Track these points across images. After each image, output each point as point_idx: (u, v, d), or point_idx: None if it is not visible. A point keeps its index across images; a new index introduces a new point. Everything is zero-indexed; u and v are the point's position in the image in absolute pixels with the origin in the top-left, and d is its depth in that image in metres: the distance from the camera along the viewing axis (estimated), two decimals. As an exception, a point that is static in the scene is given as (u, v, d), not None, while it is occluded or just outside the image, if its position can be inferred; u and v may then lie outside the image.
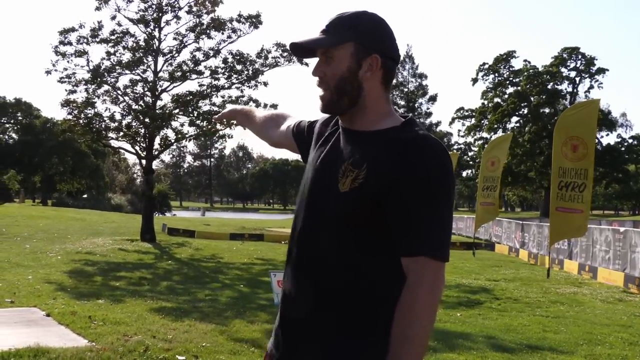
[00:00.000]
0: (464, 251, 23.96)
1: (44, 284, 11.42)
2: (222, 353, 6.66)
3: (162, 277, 13.42)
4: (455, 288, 13.02)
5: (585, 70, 65.06)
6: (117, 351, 6.51)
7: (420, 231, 1.67)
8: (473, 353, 7.14)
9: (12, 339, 6.87)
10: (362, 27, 1.87)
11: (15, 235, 22.71)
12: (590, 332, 8.65)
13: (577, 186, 13.72)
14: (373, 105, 1.88)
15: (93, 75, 22.04)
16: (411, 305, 1.64)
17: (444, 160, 1.72)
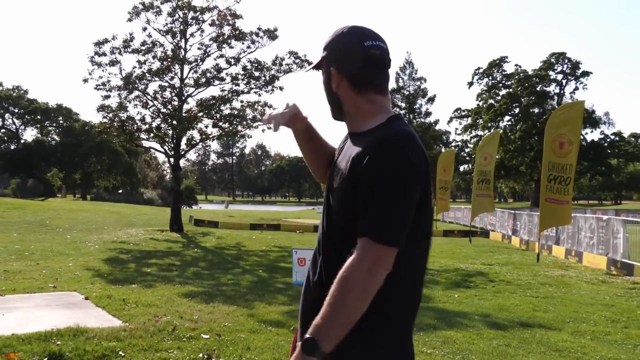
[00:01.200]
0: (461, 238, 23.92)
1: (83, 271, 11.50)
2: (243, 332, 6.66)
3: (189, 264, 13.46)
4: (454, 272, 12.99)
5: (571, 73, 64.91)
6: (148, 330, 6.54)
7: (367, 216, 1.68)
8: (470, 330, 7.12)
9: (55, 320, 6.93)
10: (328, 47, 1.95)
11: (58, 227, 22.87)
12: (576, 311, 8.61)
13: (563, 180, 13.71)
14: (353, 110, 1.93)
15: (125, 82, 22.10)
16: (345, 277, 1.65)
17: (396, 151, 1.71)
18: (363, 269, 1.63)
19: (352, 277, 1.64)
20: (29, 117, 76.74)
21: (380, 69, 1.91)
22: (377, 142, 1.74)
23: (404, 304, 1.82)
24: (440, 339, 6.56)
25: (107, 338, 6.10)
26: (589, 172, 69.17)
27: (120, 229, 22.34)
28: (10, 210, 28.58)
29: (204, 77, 22.70)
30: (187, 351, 5.76)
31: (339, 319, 1.63)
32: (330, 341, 1.63)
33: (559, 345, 6.52)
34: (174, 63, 22.51)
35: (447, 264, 14.55)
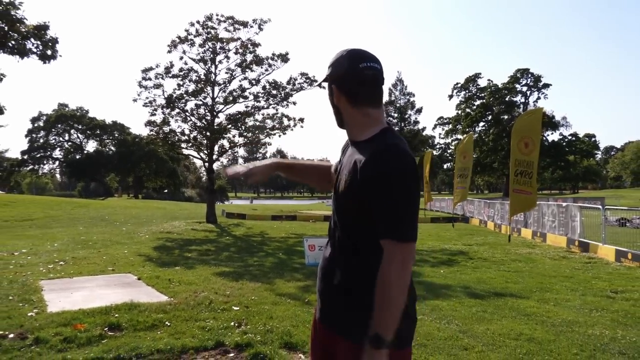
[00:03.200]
0: (445, 224, 23.83)
1: (136, 256, 11.55)
2: (266, 304, 6.67)
3: (222, 249, 13.48)
4: (440, 252, 12.94)
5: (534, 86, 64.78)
6: (189, 304, 6.56)
7: (386, 221, 1.67)
8: (453, 299, 7.09)
9: (113, 297, 6.97)
10: (331, 67, 1.93)
11: (115, 221, 23.02)
12: (541, 282, 8.56)
13: (527, 174, 13.64)
14: (351, 122, 1.92)
15: (167, 101, 22.18)
16: (384, 279, 1.64)
17: (401, 163, 1.70)
18: (396, 268, 1.64)
19: (390, 278, 1.64)
20: (90, 132, 77.26)
21: (374, 86, 1.88)
22: (381, 156, 1.72)
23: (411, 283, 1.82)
24: (429, 307, 6.54)
25: (156, 311, 6.14)
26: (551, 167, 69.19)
27: (166, 222, 22.45)
28: (77, 208, 28.81)
29: (231, 96, 22.75)
30: (221, 320, 5.77)
31: (391, 313, 1.63)
32: (390, 332, 1.63)
33: (528, 311, 6.49)
34: (206, 85, 22.59)
35: (434, 245, 14.50)
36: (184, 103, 22.46)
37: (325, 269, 1.93)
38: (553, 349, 4.92)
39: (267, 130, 23.11)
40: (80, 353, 4.61)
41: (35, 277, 8.57)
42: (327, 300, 1.91)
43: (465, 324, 5.76)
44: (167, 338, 5.07)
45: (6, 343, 4.89)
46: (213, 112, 22.77)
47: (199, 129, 22.78)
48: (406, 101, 74.65)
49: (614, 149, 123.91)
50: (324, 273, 1.93)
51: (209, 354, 4.70)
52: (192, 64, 22.38)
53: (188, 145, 23.36)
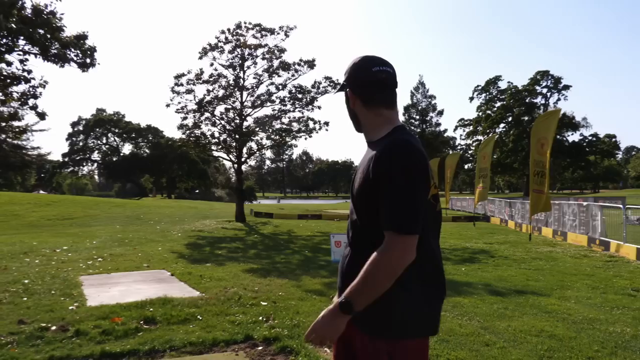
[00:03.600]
0: (467, 223, 23.54)
1: (169, 253, 11.68)
2: (293, 299, 6.68)
3: (251, 247, 13.56)
4: (461, 250, 12.78)
5: (554, 87, 63.47)
6: (220, 299, 6.62)
7: (387, 212, 1.70)
8: (474, 296, 6.99)
9: (148, 291, 7.07)
10: (346, 73, 1.98)
11: (149, 220, 23.36)
12: (562, 280, 8.37)
13: (543, 174, 13.39)
14: (367, 123, 1.96)
15: (198, 106, 22.42)
16: (375, 260, 1.68)
17: (403, 157, 1.72)
18: (390, 257, 1.66)
19: (382, 262, 1.66)
20: (126, 136, 78.64)
21: (387, 88, 1.92)
22: (387, 150, 1.75)
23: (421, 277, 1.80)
24: (450, 304, 6.46)
25: (188, 305, 6.20)
26: (571, 167, 67.77)
27: (197, 221, 22.68)
28: (114, 208, 29.33)
29: (259, 100, 22.91)
30: (250, 315, 5.80)
31: (369, 291, 1.68)
32: (360, 305, 1.69)
33: (548, 308, 6.36)
34: (235, 90, 22.77)
35: (456, 243, 14.33)
36: (214, 107, 22.70)
37: (343, 266, 1.96)
38: (574, 346, 4.81)
39: (293, 133, 23.20)
40: (118, 345, 4.70)
41: (76, 273, 8.75)
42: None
43: (486, 321, 5.68)
44: (199, 331, 5.13)
45: (49, 335, 5.01)
46: (241, 116, 22.94)
47: (228, 132, 22.98)
48: (427, 104, 74.14)
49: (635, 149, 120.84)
50: (343, 270, 1.96)
51: (239, 347, 4.74)
52: (222, 70, 22.63)
53: (218, 147, 23.58)
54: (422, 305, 1.82)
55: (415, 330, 1.81)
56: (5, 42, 11.79)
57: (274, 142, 24.23)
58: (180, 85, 22.26)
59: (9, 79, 13.11)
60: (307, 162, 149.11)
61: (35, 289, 7.34)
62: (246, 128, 22.98)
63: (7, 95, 13.68)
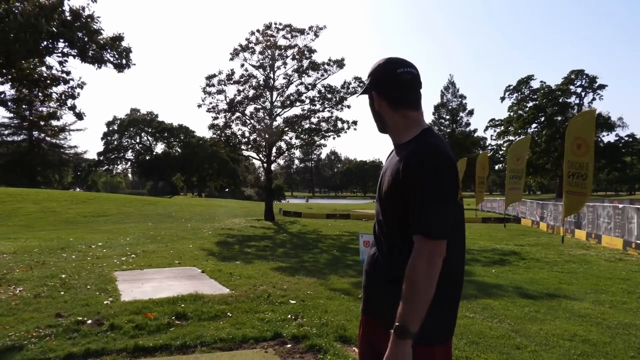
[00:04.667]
0: (497, 224, 23.14)
1: (200, 251, 11.81)
2: (321, 298, 6.69)
3: (279, 245, 13.62)
4: (491, 251, 12.57)
5: (589, 87, 61.66)
6: (249, 297, 6.67)
7: (417, 217, 1.70)
8: (505, 299, 6.87)
9: (180, 288, 7.18)
10: (371, 75, 1.96)
11: (181, 217, 23.71)
12: (596, 284, 8.15)
13: (581, 175, 13.04)
14: (394, 125, 1.94)
15: (229, 106, 22.67)
16: (411, 272, 1.67)
17: (433, 161, 1.72)
18: (423, 262, 1.66)
19: (417, 271, 1.66)
20: (158, 135, 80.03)
21: (412, 89, 1.91)
22: (416, 154, 1.75)
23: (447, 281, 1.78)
24: (480, 306, 6.37)
25: (219, 302, 6.27)
26: (606, 169, 65.85)
27: (227, 219, 22.91)
28: (146, 205, 29.85)
29: (288, 100, 23.01)
30: (279, 313, 5.84)
31: (418, 304, 1.66)
32: (415, 323, 1.66)
33: (582, 312, 6.20)
34: (265, 90, 22.93)
35: (485, 245, 14.11)
36: (244, 107, 22.91)
37: (369, 266, 1.97)
38: (609, 351, 4.68)
39: (322, 133, 23.23)
40: (151, 339, 4.79)
41: (110, 269, 8.95)
42: (370, 294, 1.98)
43: (517, 324, 5.57)
44: (229, 328, 5.18)
45: (85, 328, 5.14)
46: (271, 116, 23.08)
47: (258, 132, 23.17)
48: (458, 104, 73.06)
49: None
50: (368, 270, 1.97)
51: (268, 344, 4.77)
52: (252, 70, 22.84)
53: (248, 147, 23.80)
54: (448, 310, 1.83)
55: (442, 335, 1.82)
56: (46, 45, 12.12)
57: (303, 141, 24.30)
58: (211, 86, 22.57)
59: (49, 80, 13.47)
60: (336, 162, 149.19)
61: (72, 283, 7.53)
62: (276, 128, 23.12)
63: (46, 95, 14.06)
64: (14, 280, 7.82)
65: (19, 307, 6.07)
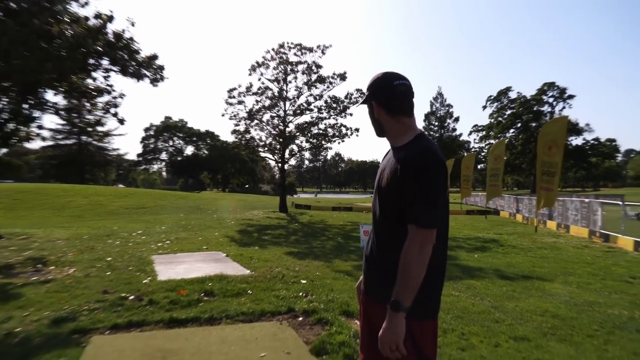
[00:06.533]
0: (479, 216, 23.02)
1: (224, 238, 11.87)
2: (328, 279, 6.71)
3: (292, 233, 13.66)
4: (474, 239, 12.53)
5: (560, 97, 61.20)
6: (266, 277, 6.70)
7: (411, 209, 1.72)
8: (486, 280, 6.86)
9: (207, 269, 7.21)
10: (370, 87, 1.95)
11: (208, 209, 23.81)
12: (565, 267, 8.11)
13: (551, 173, 12.93)
14: (391, 130, 1.94)
15: (248, 115, 22.71)
16: (405, 256, 1.70)
17: (426, 162, 1.73)
18: (416, 248, 1.69)
19: (410, 255, 1.69)
20: (188, 139, 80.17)
21: (406, 98, 1.91)
22: (412, 155, 1.76)
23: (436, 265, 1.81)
24: (464, 286, 6.37)
25: (240, 281, 6.31)
26: (574, 168, 65.34)
27: (247, 211, 22.99)
28: (178, 199, 29.99)
29: (299, 109, 23.00)
30: (292, 291, 5.87)
31: (410, 284, 1.69)
32: (408, 299, 1.69)
33: (552, 292, 6.18)
34: (279, 100, 22.94)
35: (469, 234, 14.06)
36: (261, 115, 22.94)
37: (369, 252, 1.99)
38: (575, 325, 4.67)
39: (328, 137, 23.20)
40: (183, 312, 4.83)
41: (148, 253, 9.03)
42: (369, 277, 1.98)
43: (496, 301, 5.57)
44: (250, 303, 5.22)
45: (128, 303, 5.20)
46: (285, 122, 23.10)
47: (273, 137, 23.19)
48: (445, 112, 72.65)
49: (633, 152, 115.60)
50: (368, 255, 1.99)
51: (283, 317, 4.80)
52: (268, 83, 22.86)
53: (265, 149, 23.82)
54: (437, 289, 1.85)
55: (433, 312, 1.85)
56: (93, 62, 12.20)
57: (312, 145, 24.28)
58: (232, 97, 22.61)
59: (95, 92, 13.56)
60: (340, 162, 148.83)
61: (116, 265, 7.61)
62: (288, 133, 23.13)
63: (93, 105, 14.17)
64: (67, 262, 7.91)
65: (72, 284, 6.14)
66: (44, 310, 4.94)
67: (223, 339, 4.13)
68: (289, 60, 22.33)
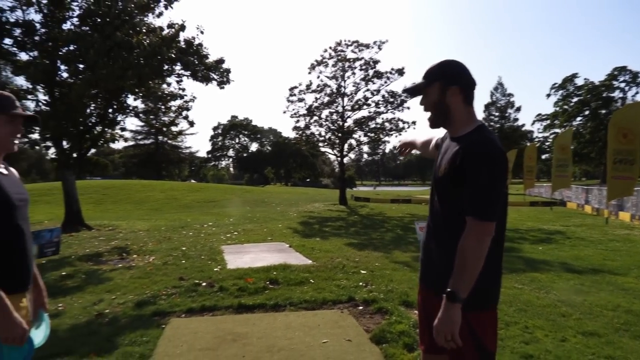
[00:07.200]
0: (543, 207, 21.73)
1: (287, 229, 12.04)
2: (387, 269, 6.65)
3: (351, 225, 13.63)
4: (538, 231, 11.85)
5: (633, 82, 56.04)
6: (327, 267, 6.76)
7: (471, 200, 1.65)
8: (551, 273, 6.48)
9: (271, 259, 7.37)
10: (445, 71, 1.85)
11: (272, 202, 24.32)
12: (639, 261, 7.47)
13: (629, 161, 11.90)
14: (459, 118, 1.84)
15: (308, 111, 22.89)
16: (463, 248, 1.64)
17: (488, 154, 1.66)
18: (474, 240, 1.63)
19: (468, 247, 1.64)
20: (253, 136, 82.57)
21: (474, 89, 1.86)
22: (475, 146, 1.69)
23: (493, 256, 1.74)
24: (528, 279, 6.05)
25: (303, 271, 6.39)
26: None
27: (308, 204, 23.21)
28: (245, 193, 30.90)
29: (357, 105, 22.83)
30: (352, 280, 5.88)
31: (467, 276, 1.64)
32: (464, 291, 1.64)
33: (625, 286, 5.71)
34: (337, 97, 22.91)
35: (533, 225, 13.31)
36: (321, 112, 23.03)
37: (426, 243, 1.94)
38: (652, 322, 4.29)
39: (386, 131, 22.90)
40: (250, 299, 5.00)
41: (218, 243, 9.39)
42: (427, 268, 1.94)
43: (563, 294, 5.24)
44: (312, 292, 5.29)
45: (201, 289, 5.46)
46: (343, 118, 23.05)
47: (332, 132, 23.23)
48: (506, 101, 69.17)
49: None
50: (425, 246, 1.94)
51: (343, 306, 4.83)
52: (327, 80, 22.82)
53: (324, 144, 23.92)
54: (496, 280, 1.79)
55: (491, 302, 1.79)
56: (167, 68, 12.86)
57: (370, 139, 24.07)
58: (293, 95, 22.89)
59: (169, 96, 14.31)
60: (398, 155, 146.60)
61: (190, 254, 8.01)
62: (347, 128, 23.08)
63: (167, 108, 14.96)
64: (148, 251, 8.44)
65: (152, 271, 6.55)
66: (129, 294, 5.31)
67: (287, 324, 4.23)
68: (346, 58, 22.23)
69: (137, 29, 12.16)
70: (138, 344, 3.74)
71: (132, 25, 11.92)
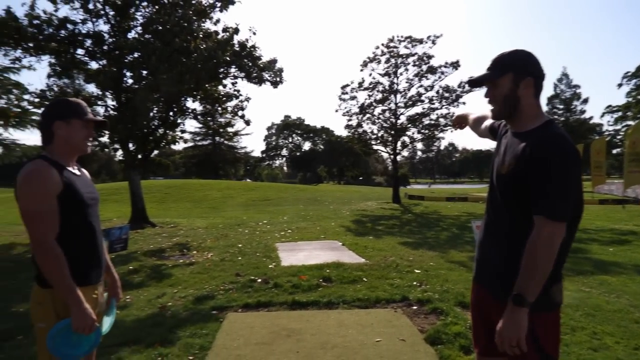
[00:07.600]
0: (614, 206, 20.21)
1: (340, 228, 12.07)
2: (442, 269, 6.50)
3: (405, 224, 13.44)
4: (608, 231, 11.07)
5: None
6: (381, 266, 6.71)
7: (541, 198, 1.55)
8: (623, 276, 6.02)
9: (325, 257, 7.44)
10: (517, 61, 1.73)
11: (325, 201, 24.46)
12: None
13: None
14: (528, 112, 1.74)
15: (360, 109, 22.80)
16: (532, 249, 1.55)
17: (561, 150, 1.56)
18: (545, 241, 1.54)
19: (538, 248, 1.55)
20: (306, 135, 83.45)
21: (543, 81, 1.76)
22: (544, 141, 1.60)
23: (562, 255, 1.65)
24: (597, 282, 5.67)
25: (356, 269, 6.39)
26: None
27: (361, 202, 23.12)
28: (298, 192, 31.25)
29: (410, 101, 22.45)
30: (405, 280, 5.80)
31: (535, 278, 1.56)
32: (532, 294, 1.57)
33: None
34: (390, 94, 22.63)
35: (602, 225, 12.45)
36: (373, 109, 22.86)
37: (482, 242, 1.86)
38: None
39: (440, 127, 22.33)
40: (304, 296, 5.07)
41: (273, 241, 9.60)
42: (483, 266, 1.86)
43: (636, 300, 4.86)
44: (365, 290, 5.27)
45: (256, 285, 5.61)
46: (396, 115, 22.74)
47: (385, 129, 22.99)
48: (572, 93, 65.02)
49: None
50: (482, 245, 1.87)
51: (397, 305, 4.77)
52: (379, 78, 22.63)
53: (377, 142, 23.72)
54: (558, 280, 1.69)
55: (553, 303, 1.69)
56: (222, 70, 13.31)
57: (424, 136, 23.58)
58: (345, 94, 22.88)
59: (225, 98, 14.79)
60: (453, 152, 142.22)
61: (246, 251, 8.25)
62: (400, 125, 22.75)
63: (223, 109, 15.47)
64: (206, 248, 8.80)
65: (210, 267, 6.83)
66: (189, 289, 5.57)
67: (340, 322, 4.25)
68: (399, 54, 21.90)
69: (194, 34, 12.68)
70: (198, 336, 3.91)
71: (190, 31, 12.45)
